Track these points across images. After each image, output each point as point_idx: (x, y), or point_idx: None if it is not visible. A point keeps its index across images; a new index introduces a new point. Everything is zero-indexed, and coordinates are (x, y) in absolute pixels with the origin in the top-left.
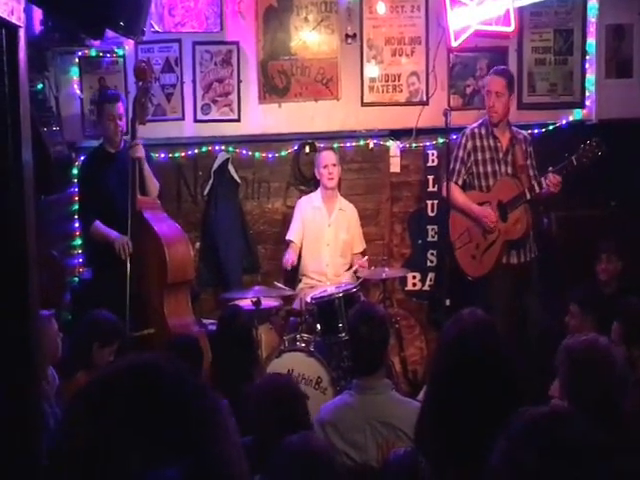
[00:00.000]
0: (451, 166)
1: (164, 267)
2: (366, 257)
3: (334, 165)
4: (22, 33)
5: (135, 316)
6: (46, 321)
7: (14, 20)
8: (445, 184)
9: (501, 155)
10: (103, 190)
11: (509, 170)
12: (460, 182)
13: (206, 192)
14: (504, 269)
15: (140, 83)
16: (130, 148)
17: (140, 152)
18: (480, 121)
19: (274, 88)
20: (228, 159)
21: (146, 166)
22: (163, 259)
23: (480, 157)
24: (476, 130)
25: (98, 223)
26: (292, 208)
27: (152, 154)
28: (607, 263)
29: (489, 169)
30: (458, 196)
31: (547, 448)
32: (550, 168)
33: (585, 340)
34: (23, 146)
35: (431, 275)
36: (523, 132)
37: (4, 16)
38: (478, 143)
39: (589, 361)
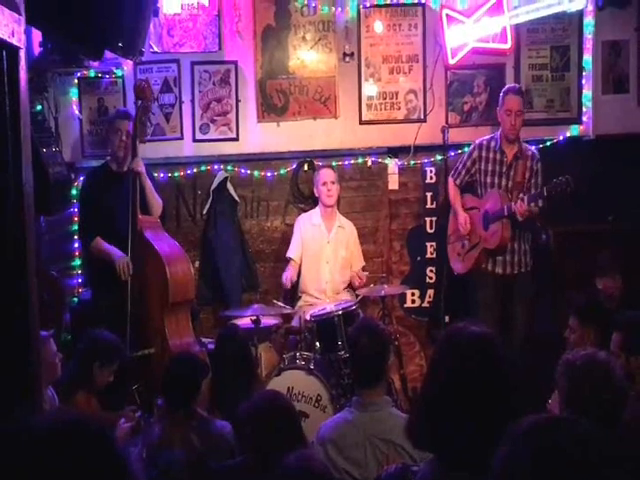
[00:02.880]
0: (456, 165)
1: (165, 287)
2: (363, 265)
3: (333, 182)
4: (23, 54)
5: (136, 336)
6: (44, 341)
7: (15, 42)
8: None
9: (505, 169)
10: (105, 209)
11: (509, 184)
12: (458, 182)
13: (205, 211)
14: (488, 277)
15: (140, 102)
16: (131, 163)
17: (140, 166)
18: (492, 135)
19: (272, 107)
20: (227, 178)
21: (148, 182)
22: (164, 278)
23: (484, 167)
24: (485, 142)
25: (99, 240)
26: (291, 226)
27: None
28: (613, 281)
29: (489, 180)
30: (451, 192)
31: (543, 452)
32: (521, 195)
33: (584, 355)
34: (24, 167)
35: (430, 292)
36: (532, 149)
37: (5, 38)
38: (484, 154)
39: (588, 375)
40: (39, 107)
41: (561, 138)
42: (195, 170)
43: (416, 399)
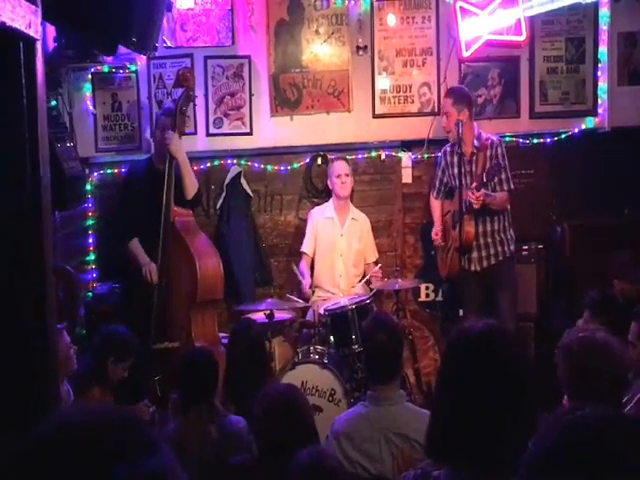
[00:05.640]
0: (433, 182)
1: (194, 284)
2: (379, 265)
3: (347, 175)
4: (39, 46)
5: (161, 328)
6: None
7: (31, 33)
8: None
9: (467, 168)
10: (143, 205)
11: (472, 180)
12: (435, 195)
13: (219, 206)
14: (468, 275)
15: (183, 90)
16: (166, 140)
17: (175, 144)
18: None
19: (286, 101)
20: (240, 172)
21: (183, 159)
22: (194, 276)
23: (451, 172)
24: (448, 149)
25: (136, 242)
26: (304, 220)
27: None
28: (631, 286)
29: (456, 182)
30: (431, 207)
31: (557, 447)
32: (474, 184)
33: (582, 337)
34: (41, 159)
35: (444, 285)
36: (492, 137)
37: (21, 29)
38: (449, 159)
39: (587, 356)
40: (53, 102)
41: (576, 130)
42: (208, 165)
43: (430, 404)
